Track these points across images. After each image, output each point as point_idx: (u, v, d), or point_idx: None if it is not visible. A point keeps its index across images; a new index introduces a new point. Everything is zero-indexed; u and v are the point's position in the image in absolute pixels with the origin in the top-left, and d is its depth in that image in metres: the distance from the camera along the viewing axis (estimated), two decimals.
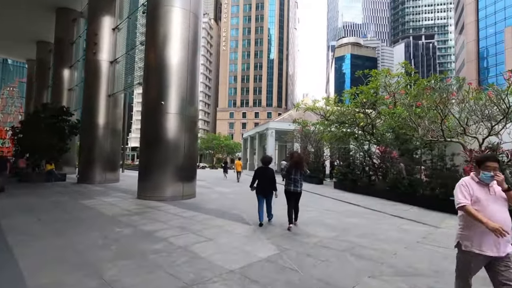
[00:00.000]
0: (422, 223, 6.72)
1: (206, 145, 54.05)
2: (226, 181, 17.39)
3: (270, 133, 26.95)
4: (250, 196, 9.84)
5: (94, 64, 13.81)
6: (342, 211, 7.97)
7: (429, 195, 8.86)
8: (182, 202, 8.30)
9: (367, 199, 10.63)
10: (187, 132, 9.00)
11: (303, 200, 9.41)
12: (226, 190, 11.88)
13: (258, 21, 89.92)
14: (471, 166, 8.27)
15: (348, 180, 13.32)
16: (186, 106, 9.03)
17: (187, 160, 8.97)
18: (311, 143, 21.34)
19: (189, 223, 5.59)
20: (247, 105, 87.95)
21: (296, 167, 5.59)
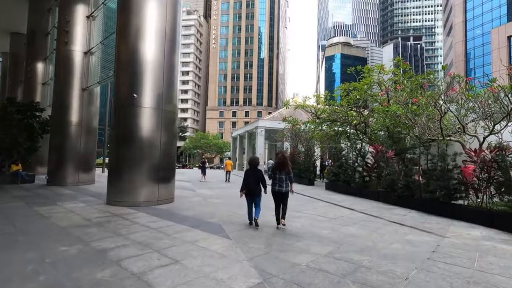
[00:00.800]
0: (425, 231, 5.97)
1: (194, 145, 52.67)
2: (212, 182, 16.40)
3: (260, 132, 26.09)
4: (234, 201, 8.97)
5: (65, 54, 12.59)
6: (336, 217, 7.16)
7: (428, 198, 8.18)
8: (157, 208, 7.32)
9: (362, 202, 9.89)
10: (164, 129, 8.01)
11: (294, 204, 8.56)
12: (210, 193, 10.93)
13: (248, 19, 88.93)
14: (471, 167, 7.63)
15: (341, 181, 12.59)
16: (163, 101, 8.03)
17: (164, 159, 7.99)
18: (301, 142, 20.60)
19: (156, 237, 4.64)
20: (237, 104, 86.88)
21: (281, 168, 5.58)
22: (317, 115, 16.49)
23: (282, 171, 5.56)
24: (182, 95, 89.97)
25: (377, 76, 14.03)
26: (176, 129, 8.83)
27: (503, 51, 41.79)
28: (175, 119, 8.70)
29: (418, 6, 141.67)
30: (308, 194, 11.88)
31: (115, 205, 7.45)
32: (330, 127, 16.00)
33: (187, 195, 9.97)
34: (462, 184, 7.41)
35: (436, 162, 8.19)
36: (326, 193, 12.49)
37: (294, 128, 21.07)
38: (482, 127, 8.99)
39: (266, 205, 6.86)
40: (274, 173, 5.62)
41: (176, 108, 8.70)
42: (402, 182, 9.15)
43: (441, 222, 6.93)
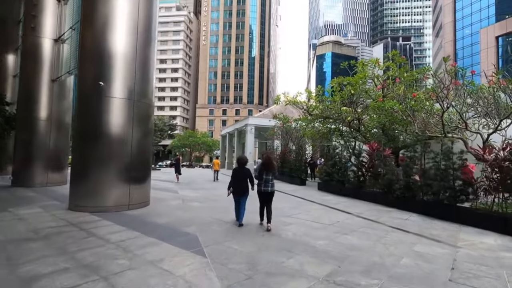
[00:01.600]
0: (435, 240, 5.21)
1: (182, 143, 51.20)
2: (198, 182, 15.41)
3: (250, 130, 25.19)
4: (219, 204, 8.05)
5: (33, 42, 11.34)
6: (332, 222, 6.34)
7: (431, 200, 7.46)
8: (127, 214, 6.33)
9: (358, 204, 9.13)
10: (136, 122, 7.01)
11: (285, 206, 7.71)
12: (193, 195, 9.97)
13: (239, 16, 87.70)
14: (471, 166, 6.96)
15: (334, 181, 11.83)
16: (135, 91, 7.03)
17: (137, 157, 6.99)
18: (292, 141, 19.82)
19: (112, 255, 3.68)
20: (227, 102, 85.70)
21: (267, 169, 5.63)
22: (309, 111, 15.72)
23: (268, 171, 5.63)
24: (172, 93, 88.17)
25: (371, 71, 13.35)
26: (152, 124, 7.84)
27: (491, 51, 42.15)
28: (151, 113, 7.71)
29: (407, 7, 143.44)
30: (299, 195, 11.07)
31: (78, 210, 6.41)
32: (322, 124, 15.25)
33: (167, 197, 8.98)
34: (469, 185, 6.72)
35: (439, 160, 7.49)
36: (319, 194, 11.71)
37: (284, 126, 20.29)
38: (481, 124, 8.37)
39: (253, 210, 6.00)
40: (261, 174, 5.66)
41: (152, 101, 7.70)
42: (402, 183, 8.43)
43: (447, 228, 6.21)
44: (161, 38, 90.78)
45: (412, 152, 8.26)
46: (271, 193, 5.64)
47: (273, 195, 5.68)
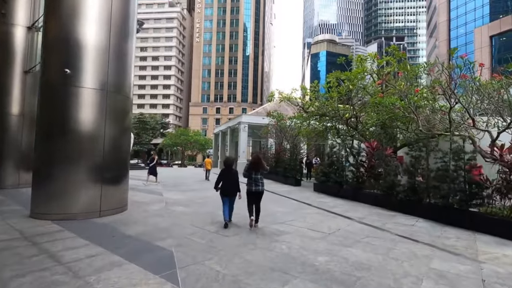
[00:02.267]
0: (451, 252, 4.51)
1: (174, 141, 49.95)
2: (187, 184, 14.55)
3: (243, 128, 24.35)
4: (205, 209, 7.12)
5: (4, 30, 10.31)
6: (332, 231, 5.60)
7: (440, 204, 6.79)
8: (97, 222, 5.47)
9: (357, 207, 8.43)
10: (110, 116, 6.15)
11: (279, 211, 6.96)
12: (179, 197, 9.12)
13: (233, 13, 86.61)
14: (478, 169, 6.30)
15: (331, 181, 11.13)
16: (109, 82, 6.17)
17: (111, 156, 6.14)
18: (287, 139, 19.07)
19: (54, 283, 2.85)
20: (221, 100, 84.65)
21: (256, 168, 5.61)
22: (304, 108, 15.00)
23: (257, 171, 5.58)
24: (164, 90, 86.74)
25: (370, 66, 12.68)
26: (130, 120, 6.98)
27: (485, 51, 42.11)
28: (129, 108, 6.85)
29: (401, 7, 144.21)
30: (295, 197, 10.33)
31: (40, 218, 5.53)
32: (319, 122, 14.55)
33: (149, 200, 8.13)
34: (483, 187, 6.06)
35: (448, 160, 6.82)
36: (315, 195, 10.99)
37: (279, 124, 19.54)
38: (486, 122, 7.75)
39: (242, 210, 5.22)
40: (250, 173, 5.58)
41: (129, 95, 6.83)
42: (406, 184, 7.74)
43: (461, 236, 5.52)
44: (154, 35, 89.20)
45: (418, 151, 7.57)
46: (261, 193, 5.62)
47: (262, 194, 5.66)
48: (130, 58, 6.86)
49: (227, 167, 5.80)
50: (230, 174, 5.67)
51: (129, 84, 6.77)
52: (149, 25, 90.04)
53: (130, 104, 6.91)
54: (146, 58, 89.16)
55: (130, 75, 6.84)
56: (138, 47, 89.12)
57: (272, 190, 12.38)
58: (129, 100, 6.79)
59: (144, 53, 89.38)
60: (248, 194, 5.57)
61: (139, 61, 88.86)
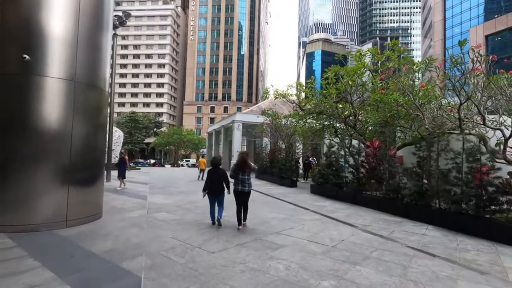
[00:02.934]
0: (477, 271, 3.82)
1: (167, 140, 48.75)
2: (177, 185, 13.72)
3: (237, 127, 23.56)
4: (191, 217, 6.16)
5: None
6: (335, 242, 4.88)
7: (452, 210, 6.13)
8: (60, 234, 4.65)
9: (359, 212, 7.74)
10: (79, 111, 5.33)
11: (275, 217, 6.25)
12: (164, 202, 8.31)
13: (228, 11, 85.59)
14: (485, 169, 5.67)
15: (330, 183, 10.44)
16: (77, 70, 5.34)
17: (81, 157, 5.32)
18: (282, 138, 18.35)
19: None
20: (215, 99, 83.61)
21: (243, 168, 5.58)
22: (300, 106, 14.29)
23: (244, 171, 5.56)
24: (158, 89, 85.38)
25: (370, 62, 12.05)
26: (105, 116, 6.16)
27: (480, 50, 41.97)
28: (103, 103, 6.02)
29: (395, 8, 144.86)
30: (291, 200, 9.61)
31: None
32: (316, 120, 13.86)
33: (130, 206, 7.31)
34: (504, 192, 5.40)
35: (461, 161, 6.17)
36: (313, 198, 10.28)
37: (274, 123, 18.82)
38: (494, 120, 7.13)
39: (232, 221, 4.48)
40: (237, 173, 5.58)
41: (105, 88, 6.01)
42: (412, 187, 7.08)
43: (481, 249, 4.85)
44: (147, 32, 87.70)
45: (426, 151, 6.90)
46: (248, 193, 5.64)
47: (249, 194, 5.70)
48: (105, 50, 6.02)
49: (214, 166, 5.82)
50: (217, 174, 5.69)
51: (104, 77, 5.95)
52: (143, 22, 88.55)
53: (106, 98, 6.09)
54: (140, 56, 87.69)
55: (105, 67, 6.01)
56: (131, 45, 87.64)
57: (267, 192, 11.65)
58: (104, 94, 5.97)
59: (137, 51, 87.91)
60: (235, 194, 5.58)
61: (133, 59, 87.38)
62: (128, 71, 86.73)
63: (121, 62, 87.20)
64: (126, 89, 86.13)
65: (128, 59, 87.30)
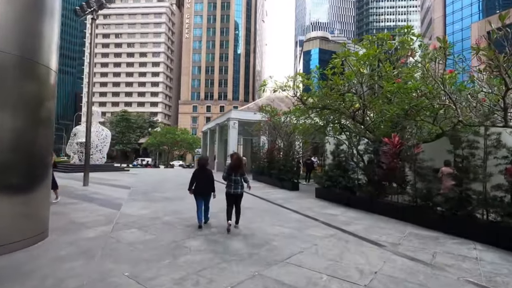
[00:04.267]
0: None
1: (159, 140, 46.88)
2: (165, 188, 12.20)
3: (232, 125, 22.07)
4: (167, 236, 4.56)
5: None
6: (366, 278, 3.41)
7: (506, 225, 4.71)
8: None
9: (380, 223, 6.31)
10: (9, 95, 3.82)
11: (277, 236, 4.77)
12: (139, 213, 6.77)
13: (224, 8, 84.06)
14: None
15: (339, 187, 9.01)
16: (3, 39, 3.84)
17: (8, 158, 3.82)
18: (281, 137, 16.90)
19: None
20: (211, 98, 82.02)
21: (235, 170, 5.40)
22: (302, 100, 12.82)
23: (237, 172, 5.41)
24: (153, 88, 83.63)
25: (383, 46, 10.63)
26: (52, 105, 4.64)
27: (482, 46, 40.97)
28: (49, 84, 4.50)
29: (391, 6, 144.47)
30: (295, 207, 8.15)
31: None
32: (319, 116, 12.44)
33: (93, 220, 5.78)
34: None
35: None
36: (319, 204, 8.84)
37: (272, 120, 17.37)
38: None
39: None
40: (229, 175, 5.41)
41: (50, 67, 4.48)
42: (451, 194, 5.65)
43: None
44: (142, 30, 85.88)
45: (469, 148, 5.47)
46: (240, 195, 5.50)
47: (241, 196, 5.54)
48: (49, 17, 4.49)
49: (201, 166, 5.70)
50: (204, 174, 5.57)
51: (48, 50, 4.42)
52: (137, 20, 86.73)
53: (51, 82, 4.54)
54: (134, 54, 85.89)
55: (50, 38, 4.48)
56: (125, 43, 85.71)
57: (266, 196, 10.20)
58: (49, 74, 4.44)
59: (131, 49, 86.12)
60: (227, 196, 5.44)
61: (127, 58, 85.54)
62: (122, 70, 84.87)
63: (115, 60, 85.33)
64: (120, 88, 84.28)
65: (122, 58, 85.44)
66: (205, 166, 5.71)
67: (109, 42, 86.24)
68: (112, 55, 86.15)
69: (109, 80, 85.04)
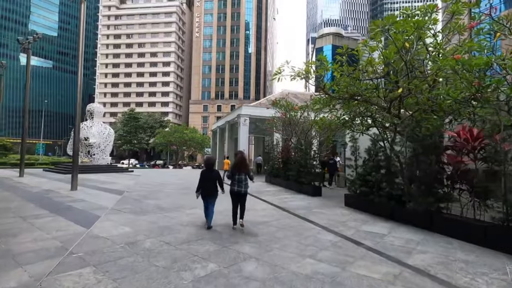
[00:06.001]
0: None
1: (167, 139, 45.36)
2: (165, 193, 10.44)
3: (243, 121, 20.21)
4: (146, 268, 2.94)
5: None
6: None
7: None
8: None
9: (459, 254, 4.19)
10: None
11: (311, 281, 2.76)
12: (115, 233, 4.94)
13: (234, 6, 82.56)
14: None
15: (379, 195, 6.96)
16: None
17: None
18: (297, 134, 14.92)
19: None
20: (222, 97, 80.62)
21: (240, 168, 5.44)
22: (324, 89, 10.77)
23: (241, 171, 5.44)
24: (163, 88, 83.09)
25: (429, 17, 8.47)
26: None
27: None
28: None
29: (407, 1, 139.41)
30: (323, 222, 6.17)
31: None
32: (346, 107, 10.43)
33: (41, 247, 4.00)
34: None
35: None
36: (354, 217, 6.82)
37: (288, 115, 15.41)
38: None
39: None
40: (233, 174, 5.48)
41: None
42: None
43: None
44: (152, 30, 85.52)
45: None
46: (244, 194, 5.46)
47: (245, 195, 5.50)
48: None
49: (207, 167, 5.68)
50: (211, 175, 5.55)
51: None
52: (147, 20, 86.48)
53: None
54: (144, 54, 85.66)
55: None
56: (136, 43, 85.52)
57: (283, 204, 8.27)
58: None
59: (142, 49, 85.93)
60: (231, 194, 5.46)
61: (138, 58, 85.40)
62: (133, 70, 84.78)
63: (126, 61, 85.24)
64: (131, 88, 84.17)
65: (133, 58, 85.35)
66: (212, 166, 5.66)
67: (120, 42, 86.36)
68: (123, 55, 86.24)
69: (121, 80, 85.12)
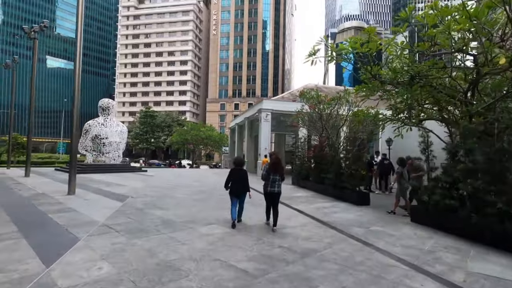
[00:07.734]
0: None
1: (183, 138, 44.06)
2: (176, 200, 8.69)
3: (264, 117, 18.24)
4: None
5: None
6: None
7: None
8: None
9: None
10: None
11: None
12: (77, 283, 3.20)
13: (252, 2, 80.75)
14: None
15: (488, 213, 4.80)
16: None
17: None
18: (328, 130, 12.79)
19: None
20: (239, 95, 79.08)
21: (275, 170, 5.49)
22: (372, 73, 8.57)
23: (276, 172, 5.48)
24: (181, 87, 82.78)
25: None
26: None
27: None
28: None
29: None
30: (395, 250, 4.09)
31: None
32: (398, 95, 8.28)
33: None
34: None
35: None
36: (437, 241, 4.70)
37: (317, 108, 13.32)
38: None
39: None
40: (268, 174, 5.51)
41: None
42: None
43: None
44: (169, 29, 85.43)
45: None
46: (278, 194, 5.50)
47: (279, 196, 5.54)
48: None
49: (237, 166, 5.81)
50: (240, 174, 5.67)
51: None
52: (165, 19, 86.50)
53: None
54: (162, 53, 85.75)
55: None
56: (154, 42, 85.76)
57: (325, 218, 6.25)
58: None
59: (160, 48, 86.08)
60: (265, 194, 5.57)
61: (155, 57, 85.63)
62: (151, 70, 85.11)
63: (145, 60, 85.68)
64: (150, 87, 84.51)
65: (151, 57, 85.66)
66: (242, 165, 5.81)
67: (139, 42, 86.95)
68: (141, 55, 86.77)
69: (139, 80, 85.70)
